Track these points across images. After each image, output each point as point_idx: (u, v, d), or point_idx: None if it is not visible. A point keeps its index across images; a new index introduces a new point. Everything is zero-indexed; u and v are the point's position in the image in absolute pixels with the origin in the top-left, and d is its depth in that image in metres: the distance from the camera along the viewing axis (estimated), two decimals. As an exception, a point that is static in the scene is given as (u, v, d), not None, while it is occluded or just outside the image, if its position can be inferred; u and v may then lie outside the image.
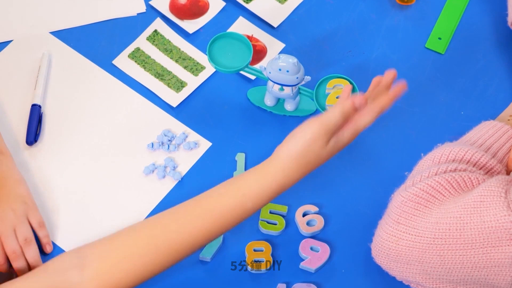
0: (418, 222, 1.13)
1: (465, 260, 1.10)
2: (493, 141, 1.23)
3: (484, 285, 1.12)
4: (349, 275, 1.24)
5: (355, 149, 1.33)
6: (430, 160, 1.20)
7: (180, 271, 1.23)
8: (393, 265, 1.17)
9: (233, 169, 1.32)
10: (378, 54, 1.44)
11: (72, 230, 1.26)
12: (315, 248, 1.25)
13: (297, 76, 1.30)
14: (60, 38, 1.42)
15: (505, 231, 1.07)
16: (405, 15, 1.48)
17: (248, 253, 1.24)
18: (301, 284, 1.22)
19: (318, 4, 1.49)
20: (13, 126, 1.34)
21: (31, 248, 1.22)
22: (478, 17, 1.49)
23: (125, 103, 1.38)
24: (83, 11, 1.45)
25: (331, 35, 1.45)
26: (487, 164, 1.19)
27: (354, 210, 1.30)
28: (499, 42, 1.45)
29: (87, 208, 1.28)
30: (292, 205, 1.29)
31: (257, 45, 1.43)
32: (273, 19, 1.47)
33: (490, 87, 1.41)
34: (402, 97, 1.33)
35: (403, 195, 1.15)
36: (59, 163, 1.32)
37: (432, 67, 1.43)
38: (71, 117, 1.36)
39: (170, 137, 1.34)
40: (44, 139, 1.34)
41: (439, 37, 1.46)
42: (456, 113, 1.39)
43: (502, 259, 1.08)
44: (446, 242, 1.10)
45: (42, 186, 1.30)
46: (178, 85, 1.39)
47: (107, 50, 1.38)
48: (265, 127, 1.36)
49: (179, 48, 1.43)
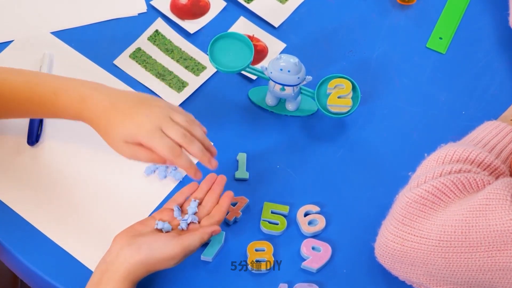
0: (423, 224, 1.11)
1: (470, 263, 1.08)
2: (496, 142, 1.21)
3: (489, 288, 1.11)
4: (351, 275, 1.22)
5: (357, 149, 1.33)
6: (434, 160, 1.18)
7: (182, 271, 1.21)
8: (397, 265, 1.15)
9: (235, 169, 1.29)
10: (379, 54, 1.42)
11: (73, 230, 1.24)
12: (317, 248, 1.23)
13: (298, 76, 1.28)
14: (61, 38, 1.40)
15: (510, 235, 1.05)
16: (406, 14, 1.47)
17: (250, 253, 1.22)
18: (302, 284, 1.20)
19: (319, 4, 1.47)
20: (14, 126, 1.31)
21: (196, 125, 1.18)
22: (479, 16, 1.46)
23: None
24: (84, 11, 1.44)
25: (332, 35, 1.43)
26: (492, 164, 1.16)
27: (356, 209, 1.27)
28: (500, 42, 1.43)
29: (89, 208, 1.26)
30: (294, 205, 1.27)
31: (258, 45, 1.41)
32: (274, 19, 1.44)
33: (491, 87, 1.39)
34: (403, 97, 1.38)
35: (408, 196, 1.13)
36: (60, 163, 1.30)
37: (433, 67, 1.41)
38: None
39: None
40: (45, 140, 1.31)
41: (440, 37, 1.44)
42: (457, 113, 1.36)
43: (507, 262, 1.06)
44: (451, 245, 1.08)
45: (43, 187, 1.27)
46: (179, 85, 1.37)
47: (108, 50, 1.34)
48: (266, 127, 1.34)
49: (180, 48, 1.41)
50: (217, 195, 1.22)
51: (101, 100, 1.16)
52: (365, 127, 1.34)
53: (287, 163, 1.30)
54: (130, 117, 1.15)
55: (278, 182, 1.28)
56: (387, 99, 1.37)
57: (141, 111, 1.15)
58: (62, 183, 1.28)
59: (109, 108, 1.16)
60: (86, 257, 1.21)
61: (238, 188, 1.27)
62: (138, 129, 1.14)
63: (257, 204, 1.26)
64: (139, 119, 1.15)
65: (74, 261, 1.20)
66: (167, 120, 1.16)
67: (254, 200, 1.26)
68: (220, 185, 1.22)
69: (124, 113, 1.15)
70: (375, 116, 1.35)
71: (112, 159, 1.28)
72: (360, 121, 1.34)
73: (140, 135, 1.14)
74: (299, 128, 1.33)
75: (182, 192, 1.22)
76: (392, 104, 1.36)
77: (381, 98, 1.37)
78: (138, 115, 1.15)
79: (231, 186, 1.26)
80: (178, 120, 1.17)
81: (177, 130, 1.15)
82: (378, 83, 1.38)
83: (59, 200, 1.26)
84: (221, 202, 1.21)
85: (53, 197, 1.26)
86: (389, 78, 1.39)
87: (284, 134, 1.33)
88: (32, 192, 1.26)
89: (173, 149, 1.15)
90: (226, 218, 1.23)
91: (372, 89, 1.36)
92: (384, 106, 1.36)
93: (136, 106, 1.16)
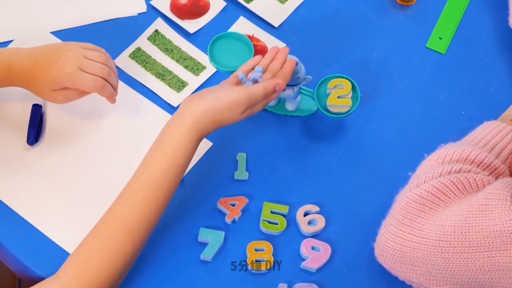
0: (423, 224, 1.11)
1: (469, 263, 1.08)
2: (496, 142, 1.20)
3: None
4: (351, 275, 1.22)
5: (356, 149, 1.33)
6: (434, 160, 1.18)
7: (181, 271, 1.21)
8: (396, 265, 1.15)
9: (234, 169, 1.29)
10: (379, 54, 1.42)
11: (75, 231, 1.22)
12: (316, 248, 1.23)
13: (298, 75, 1.28)
14: (61, 38, 1.40)
15: (510, 235, 1.04)
16: (405, 14, 1.47)
17: (249, 253, 1.22)
18: (302, 284, 1.20)
19: (319, 4, 1.47)
20: (14, 126, 1.32)
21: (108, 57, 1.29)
22: (479, 17, 1.47)
23: (126, 103, 1.36)
24: (84, 11, 1.44)
25: (332, 35, 1.43)
26: (491, 164, 1.16)
27: (355, 209, 1.28)
28: (500, 42, 1.43)
29: (88, 207, 1.26)
30: (293, 205, 1.27)
31: (258, 45, 1.41)
32: (274, 19, 1.44)
33: (491, 87, 1.39)
34: (403, 97, 1.38)
35: (408, 196, 1.13)
36: (60, 162, 1.30)
37: (433, 67, 1.41)
38: (72, 117, 1.34)
39: None
40: (45, 139, 1.31)
41: (439, 37, 1.44)
42: (457, 113, 1.36)
43: (507, 263, 1.06)
44: (451, 245, 1.08)
45: (43, 186, 1.27)
46: (179, 85, 1.37)
47: (108, 50, 1.33)
48: (266, 127, 1.34)
49: (180, 48, 1.41)
50: (280, 62, 1.26)
51: (23, 62, 1.26)
52: (365, 127, 1.34)
53: (286, 163, 1.30)
54: (51, 68, 1.25)
55: (278, 182, 1.28)
56: (387, 99, 1.37)
57: (58, 60, 1.25)
58: (62, 182, 1.27)
59: (32, 67, 1.26)
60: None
61: (237, 188, 1.27)
62: (60, 75, 1.25)
63: (256, 204, 1.26)
64: (58, 67, 1.25)
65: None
66: (83, 60, 1.26)
67: (253, 200, 1.26)
68: (283, 54, 1.27)
69: (45, 66, 1.25)
70: (375, 116, 1.35)
71: (112, 158, 1.30)
72: (360, 121, 1.34)
73: (64, 80, 1.25)
74: (299, 128, 1.34)
75: (246, 64, 1.26)
76: (392, 104, 1.36)
77: (381, 98, 1.37)
78: (57, 63, 1.25)
79: (230, 186, 1.27)
80: (92, 57, 1.27)
81: (94, 65, 1.27)
82: (378, 83, 1.38)
83: (58, 199, 1.26)
84: (284, 66, 1.26)
85: (52, 196, 1.26)
86: (389, 78, 1.39)
87: (283, 134, 1.33)
88: (31, 191, 1.26)
89: (97, 82, 1.26)
90: (226, 218, 1.23)
91: (372, 89, 1.36)
92: (384, 106, 1.36)
93: (53, 57, 1.26)
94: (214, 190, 1.27)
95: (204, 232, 1.22)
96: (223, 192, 1.27)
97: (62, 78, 1.25)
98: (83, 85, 1.26)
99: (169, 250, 1.21)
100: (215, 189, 1.27)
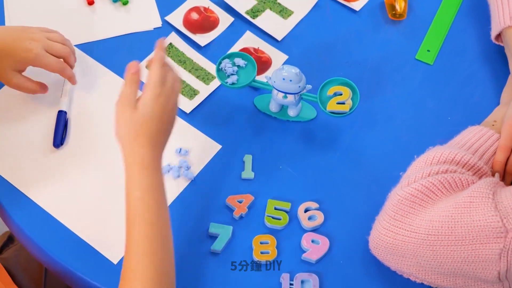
0: (413, 219, 1.11)
1: (455, 255, 1.09)
2: (479, 145, 1.22)
3: (472, 277, 1.10)
4: (347, 265, 1.23)
5: (352, 151, 1.33)
6: (423, 161, 1.18)
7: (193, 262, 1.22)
8: (389, 257, 1.16)
9: (241, 169, 1.30)
10: (373, 65, 1.42)
11: (97, 230, 1.24)
12: (316, 241, 1.24)
13: (299, 84, 1.29)
14: (84, 51, 1.41)
15: (492, 229, 1.05)
16: (397, 29, 1.47)
17: (255, 245, 1.23)
18: (303, 274, 1.21)
19: (318, 19, 1.48)
20: (41, 130, 1.32)
21: (67, 40, 1.32)
22: (464, 31, 1.47)
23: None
24: (105, 26, 1.44)
25: (330, 48, 1.44)
26: (475, 165, 1.17)
27: (352, 206, 1.28)
28: (483, 54, 1.43)
29: (109, 205, 1.26)
30: (295, 202, 1.28)
31: (263, 56, 1.42)
32: (277, 33, 1.45)
33: (475, 95, 1.39)
34: (395, 104, 1.37)
35: (399, 194, 1.13)
36: (83, 164, 1.30)
37: (422, 77, 1.42)
38: (94, 122, 1.34)
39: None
40: (69, 142, 1.32)
41: (428, 49, 1.44)
42: (443, 118, 1.37)
43: (489, 255, 1.06)
44: (439, 239, 1.09)
45: (68, 186, 1.28)
46: (191, 93, 1.38)
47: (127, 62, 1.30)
48: (270, 131, 1.35)
49: (192, 59, 1.42)
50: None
51: None
52: (359, 131, 1.34)
53: (289, 164, 1.31)
54: (18, 47, 1.25)
55: (281, 181, 1.29)
56: (380, 106, 1.37)
57: (25, 41, 1.26)
58: (85, 182, 1.28)
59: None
60: (108, 250, 1.22)
61: (244, 187, 1.28)
62: (28, 55, 1.26)
63: (261, 201, 1.27)
64: (26, 47, 1.25)
65: (97, 253, 1.22)
66: (47, 42, 1.28)
67: (259, 198, 1.27)
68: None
69: (10, 46, 1.25)
70: (369, 122, 1.35)
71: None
72: (355, 126, 1.34)
73: (31, 59, 1.27)
74: (300, 132, 1.34)
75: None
76: (384, 111, 1.37)
77: (374, 105, 1.37)
78: (23, 43, 1.26)
79: (238, 185, 1.28)
80: (54, 38, 1.29)
81: (58, 47, 1.29)
82: (372, 91, 1.38)
83: (83, 197, 1.27)
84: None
85: (77, 195, 1.27)
86: (382, 87, 1.40)
87: (286, 138, 1.34)
88: (58, 191, 1.26)
89: (60, 63, 1.29)
90: (234, 214, 1.24)
91: (366, 96, 1.35)
92: (377, 112, 1.36)
93: (17, 38, 1.26)
94: (223, 189, 1.28)
95: (214, 226, 1.23)
96: (231, 190, 1.27)
97: (30, 58, 1.26)
98: (50, 65, 1.28)
99: (183, 243, 1.22)
100: (224, 187, 1.28)
